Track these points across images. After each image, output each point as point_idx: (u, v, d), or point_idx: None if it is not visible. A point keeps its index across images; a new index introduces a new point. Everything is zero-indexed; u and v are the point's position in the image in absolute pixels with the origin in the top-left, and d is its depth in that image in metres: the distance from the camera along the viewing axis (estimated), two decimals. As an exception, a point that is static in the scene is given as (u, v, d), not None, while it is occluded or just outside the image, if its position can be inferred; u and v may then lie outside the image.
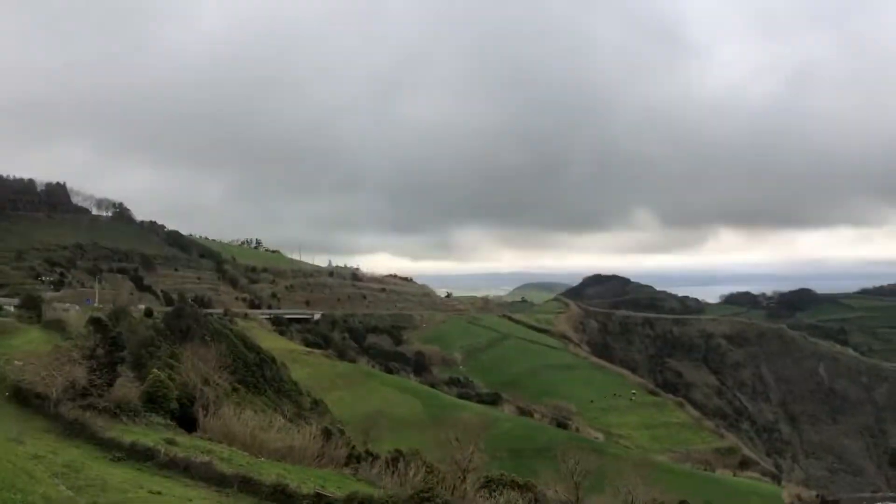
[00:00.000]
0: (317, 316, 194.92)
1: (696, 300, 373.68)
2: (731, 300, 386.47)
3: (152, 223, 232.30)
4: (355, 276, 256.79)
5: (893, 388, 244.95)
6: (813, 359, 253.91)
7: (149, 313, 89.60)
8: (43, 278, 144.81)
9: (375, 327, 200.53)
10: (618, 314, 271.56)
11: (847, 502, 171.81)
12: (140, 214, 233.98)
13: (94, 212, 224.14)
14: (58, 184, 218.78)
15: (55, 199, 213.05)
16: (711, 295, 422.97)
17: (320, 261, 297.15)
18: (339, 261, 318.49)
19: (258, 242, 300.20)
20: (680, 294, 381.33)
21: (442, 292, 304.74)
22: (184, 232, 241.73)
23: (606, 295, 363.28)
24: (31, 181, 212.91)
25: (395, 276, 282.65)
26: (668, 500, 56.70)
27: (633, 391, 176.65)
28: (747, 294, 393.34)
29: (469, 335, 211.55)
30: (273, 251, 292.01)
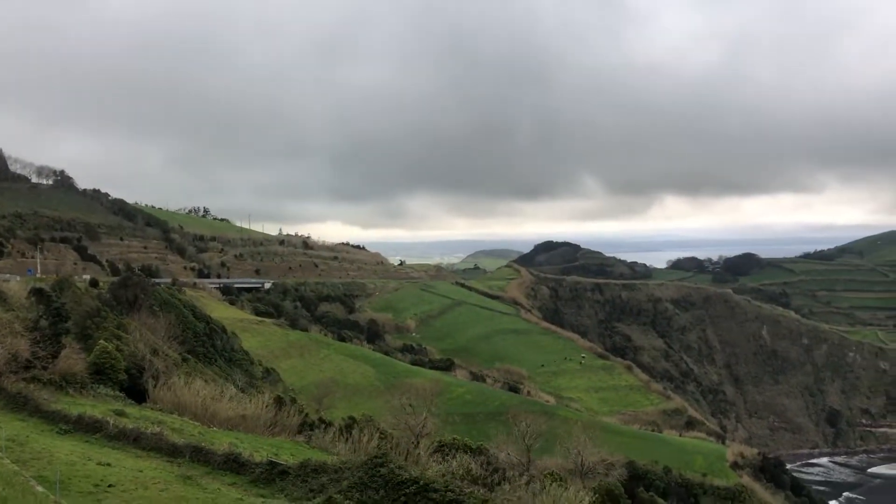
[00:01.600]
0: (267, 285, 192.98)
1: (644, 265, 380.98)
2: (678, 265, 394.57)
3: (96, 191, 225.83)
4: (306, 244, 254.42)
5: (832, 349, 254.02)
6: (756, 322, 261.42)
7: (94, 283, 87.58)
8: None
9: (328, 296, 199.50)
10: (568, 280, 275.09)
11: (787, 459, 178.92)
12: (80, 183, 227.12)
13: (35, 180, 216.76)
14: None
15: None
16: (659, 260, 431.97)
17: (270, 229, 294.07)
18: (289, 229, 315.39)
19: (206, 211, 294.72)
20: (629, 260, 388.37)
21: (395, 260, 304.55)
22: (128, 200, 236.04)
23: (557, 261, 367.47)
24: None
25: (347, 245, 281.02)
26: (617, 461, 58.21)
27: (583, 355, 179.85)
28: (693, 259, 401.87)
29: (422, 302, 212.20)
30: (221, 220, 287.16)
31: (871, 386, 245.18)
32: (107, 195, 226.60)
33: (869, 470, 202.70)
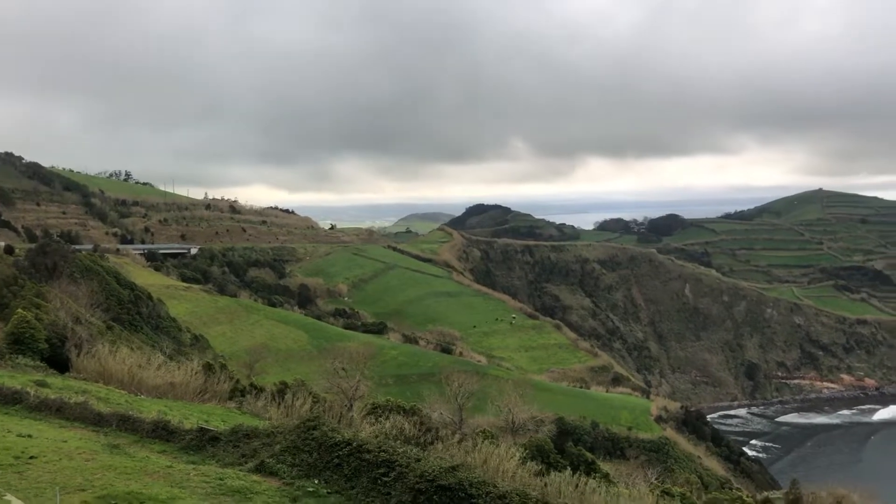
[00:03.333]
0: (194, 250, 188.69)
1: (573, 227, 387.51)
2: (605, 226, 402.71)
3: (8, 154, 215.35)
4: (233, 208, 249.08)
5: (751, 305, 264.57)
6: (679, 280, 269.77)
7: (9, 250, 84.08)
8: None
9: (257, 261, 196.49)
10: (499, 242, 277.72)
11: (708, 411, 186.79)
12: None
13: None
14: None
15: None
16: (586, 222, 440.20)
17: (195, 193, 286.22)
18: (215, 193, 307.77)
19: (128, 175, 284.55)
20: (557, 222, 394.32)
21: (325, 224, 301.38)
22: (43, 164, 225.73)
23: (488, 224, 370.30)
24: None
25: (275, 209, 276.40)
26: (546, 417, 59.73)
27: (514, 315, 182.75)
28: (619, 220, 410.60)
29: (354, 266, 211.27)
30: (144, 184, 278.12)
31: (787, 340, 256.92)
32: (20, 158, 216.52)
33: (777, 419, 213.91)
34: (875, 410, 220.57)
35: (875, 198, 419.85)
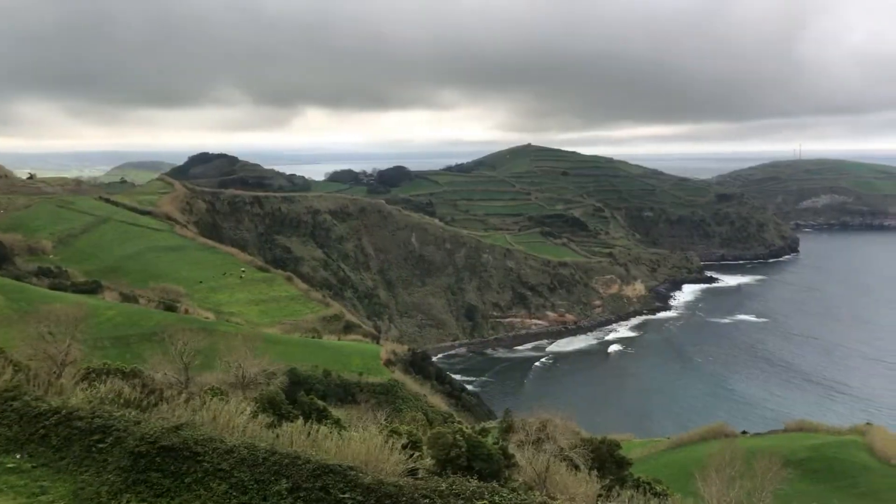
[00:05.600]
0: None
1: (303, 178, 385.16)
2: (336, 178, 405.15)
3: None
4: None
5: (470, 252, 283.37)
6: (406, 230, 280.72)
7: None
8: None
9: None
10: (226, 193, 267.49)
11: (432, 352, 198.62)
12: None
13: None
14: None
15: None
16: (317, 173, 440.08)
17: None
18: None
19: None
20: (287, 172, 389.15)
21: (22, 173, 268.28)
22: None
23: (213, 174, 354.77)
24: None
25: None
26: (278, 369, 59.43)
27: (243, 269, 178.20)
28: (349, 172, 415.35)
29: (60, 220, 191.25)
30: None
31: (501, 283, 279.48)
32: None
33: (493, 355, 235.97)
34: (572, 342, 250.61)
35: (574, 153, 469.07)
